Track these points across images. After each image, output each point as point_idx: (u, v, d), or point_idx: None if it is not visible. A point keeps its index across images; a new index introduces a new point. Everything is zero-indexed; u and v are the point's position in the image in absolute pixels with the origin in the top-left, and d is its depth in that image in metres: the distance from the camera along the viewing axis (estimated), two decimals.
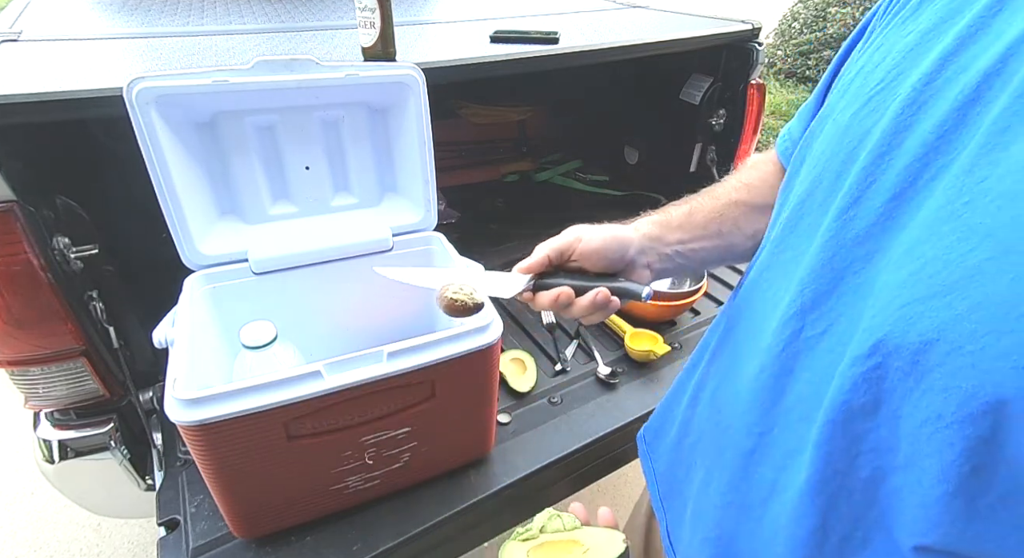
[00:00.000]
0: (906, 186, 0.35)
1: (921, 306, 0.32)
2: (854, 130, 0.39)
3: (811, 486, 0.40)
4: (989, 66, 0.31)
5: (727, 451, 0.50)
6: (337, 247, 0.95)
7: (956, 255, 0.30)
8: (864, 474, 0.37)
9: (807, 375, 0.41)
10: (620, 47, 1.19)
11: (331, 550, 0.80)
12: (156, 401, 1.04)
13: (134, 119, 0.74)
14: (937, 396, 0.31)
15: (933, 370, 0.31)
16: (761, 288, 0.48)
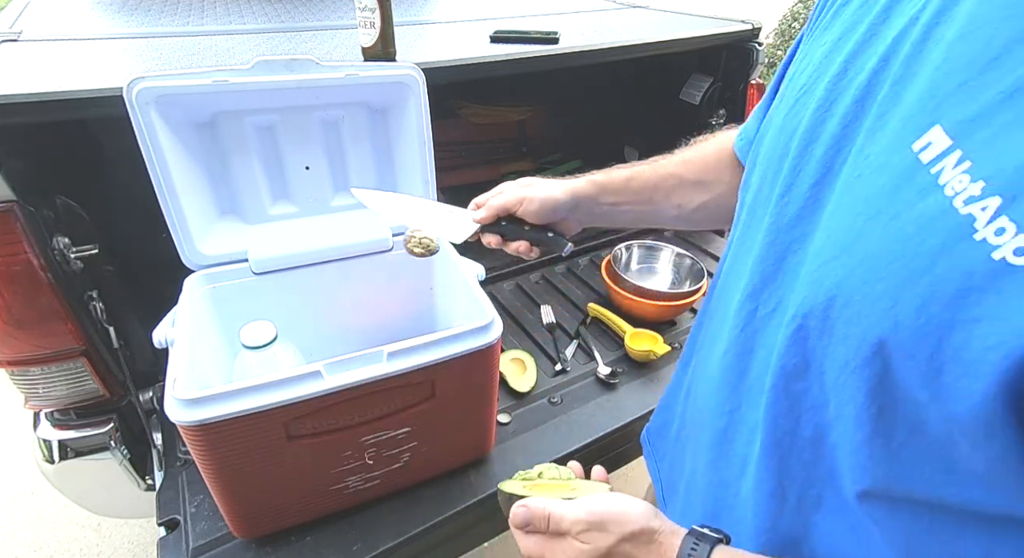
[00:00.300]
0: (825, 171, 0.40)
1: (826, 268, 0.37)
2: (786, 129, 0.45)
3: (764, 451, 0.44)
4: (875, 65, 0.38)
5: (705, 433, 0.54)
6: (337, 247, 0.95)
7: (849, 221, 0.36)
8: (808, 433, 0.41)
9: (762, 352, 0.45)
10: (620, 47, 1.19)
11: (331, 550, 0.80)
12: (156, 401, 1.04)
13: (134, 119, 0.74)
14: (841, 346, 0.36)
15: (837, 323, 0.36)
16: (727, 281, 0.54)
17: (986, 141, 0.29)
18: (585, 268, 1.51)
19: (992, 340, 0.28)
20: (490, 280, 1.41)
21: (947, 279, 0.29)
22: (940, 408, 0.31)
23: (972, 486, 0.33)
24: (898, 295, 0.32)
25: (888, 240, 0.32)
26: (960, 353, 0.29)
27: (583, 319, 1.30)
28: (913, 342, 0.31)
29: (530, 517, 0.47)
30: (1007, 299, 0.27)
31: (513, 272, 1.46)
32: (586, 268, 1.51)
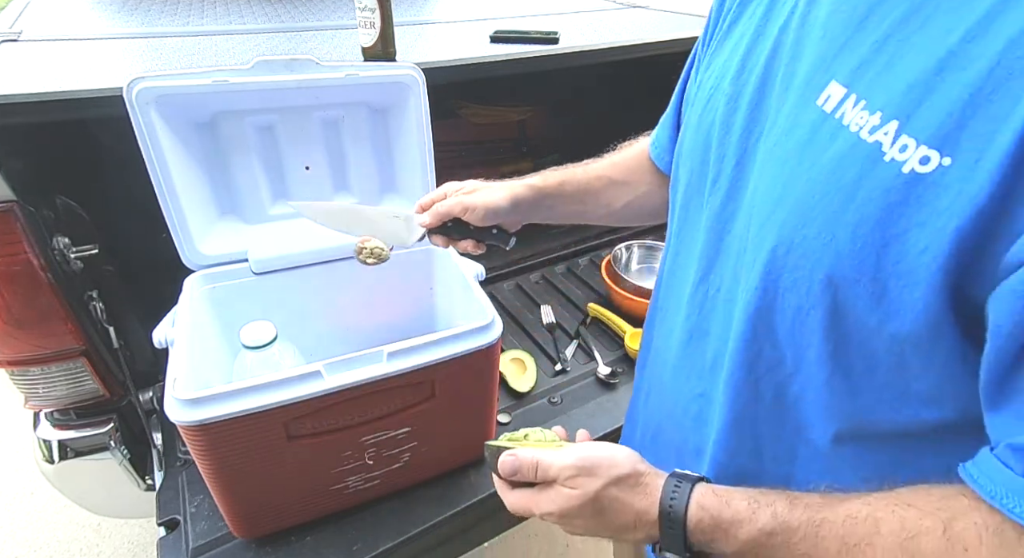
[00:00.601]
0: (742, 152, 0.45)
1: (762, 230, 0.40)
2: (702, 127, 0.50)
3: (731, 422, 0.47)
4: (767, 55, 0.44)
5: (675, 424, 0.56)
6: (337, 247, 0.94)
7: (772, 182, 0.40)
8: (769, 396, 0.44)
9: (717, 330, 0.48)
10: (620, 47, 1.19)
11: (331, 550, 0.80)
12: (156, 401, 1.04)
13: (134, 119, 0.74)
14: (792, 293, 0.39)
15: (783, 274, 0.39)
16: (673, 276, 0.57)
17: (872, 81, 0.34)
18: (585, 268, 1.51)
19: (921, 244, 0.31)
20: (490, 280, 1.41)
21: (870, 201, 0.33)
22: (890, 328, 0.35)
23: (924, 406, 0.37)
24: (832, 229, 0.35)
25: (812, 184, 0.36)
26: (898, 266, 0.33)
27: (583, 319, 1.30)
28: (855, 268, 0.34)
29: (519, 465, 0.47)
30: (923, 204, 0.31)
31: (513, 272, 1.46)
32: (586, 268, 1.51)
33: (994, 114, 0.29)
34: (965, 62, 0.30)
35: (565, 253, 1.54)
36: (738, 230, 0.45)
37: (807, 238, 0.37)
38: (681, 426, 0.56)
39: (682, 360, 0.53)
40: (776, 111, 0.42)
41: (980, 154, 0.29)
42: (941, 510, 0.34)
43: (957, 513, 0.33)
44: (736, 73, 0.47)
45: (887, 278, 0.33)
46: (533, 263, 1.48)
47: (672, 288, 0.57)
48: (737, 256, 0.45)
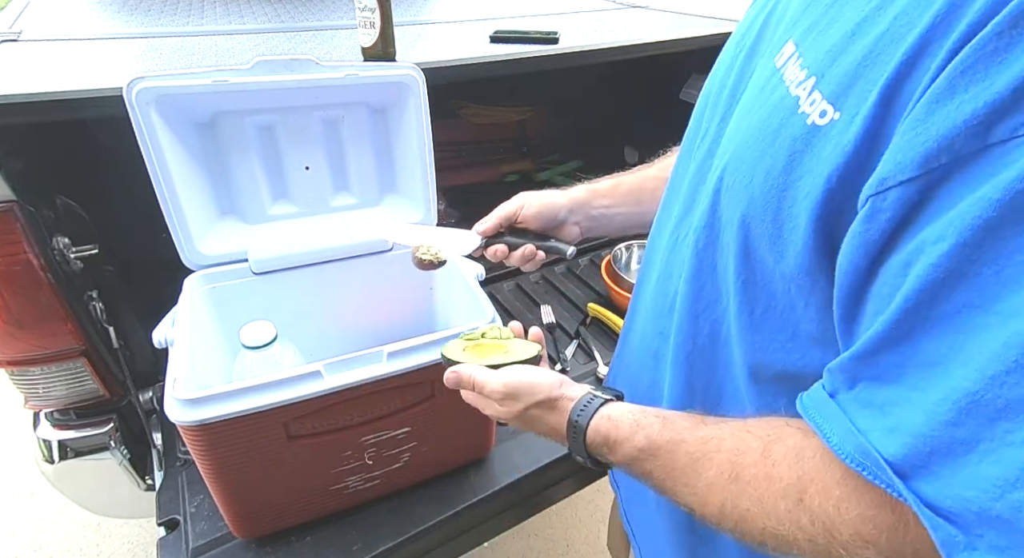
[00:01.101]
0: (726, 109, 0.48)
1: (712, 172, 0.45)
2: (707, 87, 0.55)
3: (674, 354, 0.52)
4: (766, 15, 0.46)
5: (642, 359, 0.60)
6: (337, 247, 0.95)
7: (732, 130, 0.44)
8: (706, 330, 0.49)
9: (678, 271, 0.52)
10: (620, 47, 1.19)
11: (331, 550, 0.80)
12: (156, 401, 1.04)
13: (134, 119, 0.74)
14: (724, 231, 0.43)
15: (722, 212, 0.43)
16: (658, 226, 0.60)
17: (812, 41, 0.37)
18: (585, 268, 1.51)
19: (805, 190, 0.34)
20: (490, 280, 1.41)
21: (782, 149, 0.36)
22: (781, 267, 0.38)
23: (811, 348, 0.40)
24: (753, 172, 0.39)
25: (749, 130, 0.40)
26: (791, 210, 0.36)
27: (583, 319, 1.30)
28: (762, 209, 0.38)
29: (459, 380, 0.57)
30: (815, 153, 0.34)
31: (513, 272, 1.46)
32: (586, 268, 1.51)
33: (875, 76, 0.31)
34: (869, 27, 0.32)
35: None
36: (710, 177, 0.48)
37: (736, 181, 0.40)
38: (644, 364, 0.60)
39: (653, 302, 0.57)
40: (757, 68, 0.45)
41: (857, 110, 0.32)
42: (770, 435, 0.39)
43: (778, 437, 0.39)
44: (741, 35, 0.50)
45: (783, 220, 0.36)
46: None
47: (656, 238, 0.61)
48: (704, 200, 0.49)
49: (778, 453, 0.38)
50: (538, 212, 0.68)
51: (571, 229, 0.71)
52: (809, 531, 0.35)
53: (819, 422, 0.35)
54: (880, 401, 0.32)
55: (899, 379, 0.31)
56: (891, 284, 0.30)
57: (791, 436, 0.38)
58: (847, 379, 0.34)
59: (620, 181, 0.74)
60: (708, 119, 0.51)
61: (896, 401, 0.31)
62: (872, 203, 0.30)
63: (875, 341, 0.31)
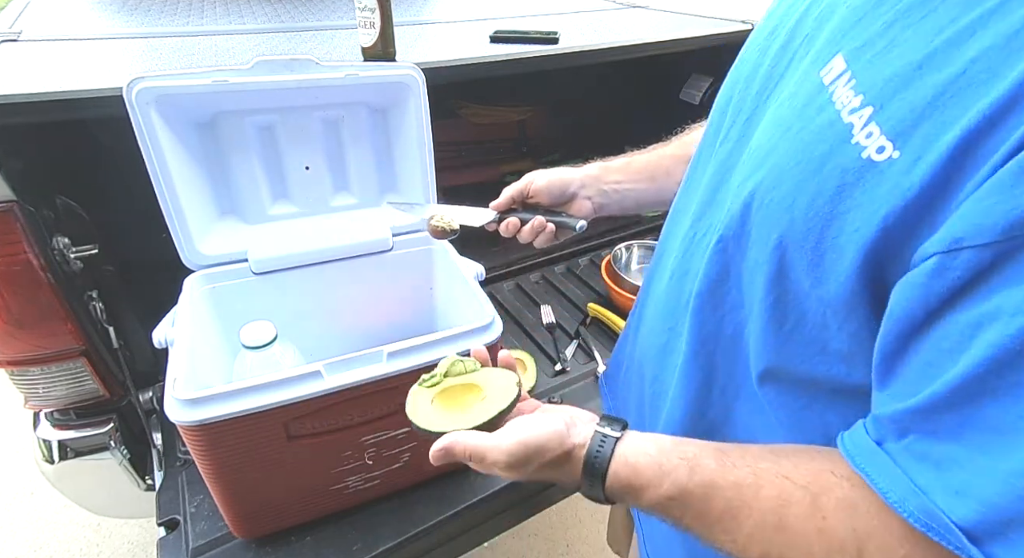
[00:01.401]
0: (755, 107, 0.47)
1: (745, 183, 0.43)
2: (731, 80, 0.53)
3: (692, 349, 0.51)
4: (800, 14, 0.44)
5: (648, 357, 0.60)
6: (337, 247, 0.95)
7: (765, 140, 0.42)
8: (729, 331, 0.48)
9: (695, 269, 0.51)
10: (620, 47, 1.19)
11: (331, 550, 0.80)
12: (156, 401, 1.04)
13: (134, 119, 0.74)
14: (755, 247, 0.42)
15: (752, 228, 0.42)
16: (674, 220, 0.60)
17: (868, 62, 0.35)
18: (585, 268, 1.51)
19: (855, 225, 0.34)
20: (490, 280, 1.41)
21: (830, 177, 0.35)
22: (818, 292, 0.38)
23: (838, 363, 0.40)
24: (795, 195, 0.38)
25: (792, 150, 0.39)
26: (836, 240, 0.35)
27: (583, 319, 1.30)
28: (803, 234, 0.37)
29: (450, 456, 0.49)
30: (868, 189, 0.33)
31: (513, 272, 1.46)
32: (586, 268, 1.51)
33: (945, 119, 0.30)
34: (941, 64, 0.31)
35: (565, 253, 1.54)
36: (734, 181, 0.47)
37: (774, 200, 0.39)
38: (648, 356, 0.60)
39: (666, 298, 0.57)
40: (791, 73, 0.43)
41: (922, 153, 0.31)
42: (812, 483, 0.38)
43: (826, 486, 0.38)
44: (775, 25, 0.48)
45: (825, 249, 0.36)
46: (533, 263, 1.48)
47: (670, 232, 0.60)
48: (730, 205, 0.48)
49: (828, 505, 0.37)
50: (547, 184, 0.69)
51: (583, 204, 0.71)
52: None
53: (872, 474, 0.34)
54: (936, 456, 0.32)
55: (959, 439, 0.31)
56: (954, 341, 0.30)
57: (838, 486, 0.37)
58: (897, 430, 0.34)
59: (633, 159, 0.74)
60: (732, 117, 0.50)
61: (957, 460, 0.31)
62: (940, 260, 0.30)
63: (937, 398, 0.31)
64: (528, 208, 0.71)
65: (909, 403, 0.33)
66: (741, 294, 0.46)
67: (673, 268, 0.55)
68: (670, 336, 0.56)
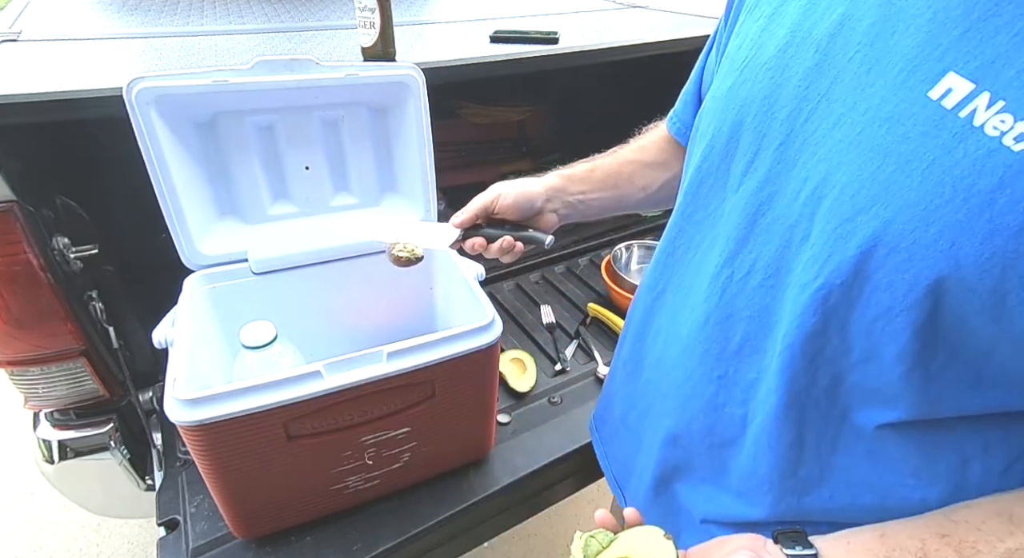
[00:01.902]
0: (788, 131, 0.42)
1: (851, 224, 0.38)
2: (734, 101, 0.47)
3: (782, 406, 0.46)
4: (831, 28, 0.40)
5: (690, 403, 0.55)
6: (337, 247, 0.95)
7: (868, 174, 0.37)
8: (824, 383, 0.44)
9: (747, 313, 0.47)
10: (620, 47, 1.19)
11: (331, 550, 0.80)
12: (156, 401, 1.04)
13: (134, 119, 0.74)
14: (884, 293, 0.38)
15: (875, 272, 0.37)
16: (680, 251, 0.56)
17: (1014, 79, 0.31)
18: (585, 268, 1.51)
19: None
20: (490, 280, 1.41)
21: (1010, 213, 0.31)
22: (993, 329, 0.34)
23: (991, 391, 0.37)
24: (955, 236, 0.33)
25: (932, 185, 0.34)
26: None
27: (583, 319, 1.30)
28: (976, 276, 0.33)
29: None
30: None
31: (513, 272, 1.46)
32: (586, 268, 1.51)
33: None
34: None
35: (565, 253, 1.54)
36: (780, 214, 0.43)
37: (918, 242, 0.35)
38: (688, 408, 0.55)
39: (697, 343, 0.52)
40: (854, 94, 0.38)
41: None
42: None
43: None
44: (783, 45, 0.43)
45: (1009, 290, 0.32)
46: (533, 263, 1.48)
47: (678, 267, 0.56)
48: (784, 241, 0.43)
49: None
50: (515, 202, 0.67)
51: (549, 217, 0.70)
52: None
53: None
54: None
55: None
56: None
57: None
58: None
59: (596, 165, 0.72)
60: (753, 144, 0.45)
61: None
62: None
63: None
64: (493, 223, 0.69)
65: None
66: (847, 342, 0.41)
67: (708, 311, 0.51)
68: (720, 386, 0.52)
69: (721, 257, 0.49)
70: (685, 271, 0.55)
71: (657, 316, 0.60)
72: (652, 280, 0.62)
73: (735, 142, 0.47)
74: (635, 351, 0.65)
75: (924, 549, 0.38)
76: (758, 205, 0.45)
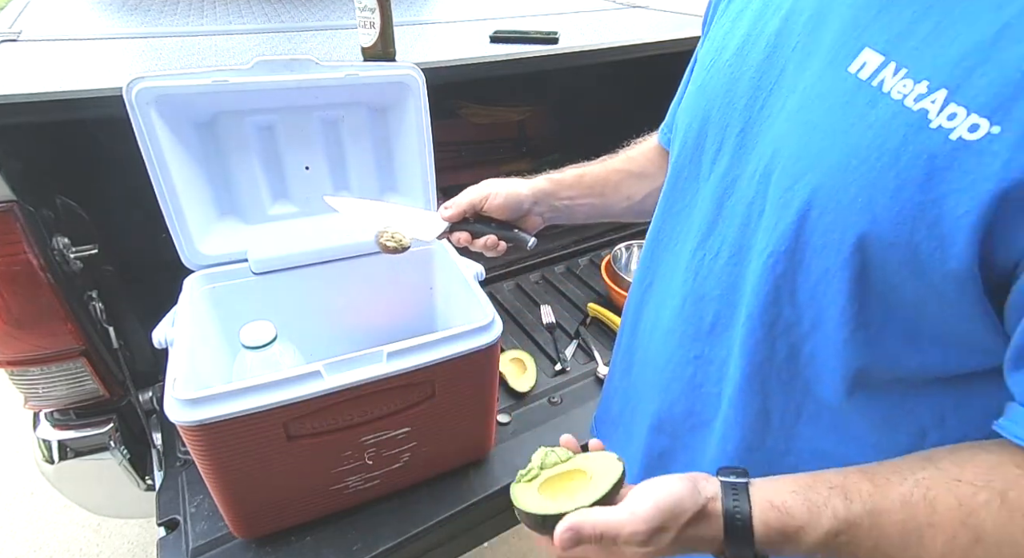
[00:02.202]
0: (747, 119, 0.46)
1: (790, 193, 0.41)
2: (701, 99, 0.51)
3: (745, 378, 0.48)
4: (778, 25, 0.44)
5: (672, 386, 0.57)
6: (337, 247, 0.95)
7: (802, 146, 0.40)
8: (783, 354, 0.46)
9: (716, 292, 0.50)
10: (620, 47, 1.19)
11: (331, 550, 0.80)
12: (156, 401, 1.04)
13: (134, 119, 0.74)
14: (820, 256, 0.40)
15: (812, 235, 0.40)
16: (663, 243, 0.58)
17: (915, 49, 0.35)
18: (585, 268, 1.51)
19: (961, 209, 0.33)
20: (490, 280, 1.41)
21: (913, 167, 0.34)
22: (916, 283, 0.37)
23: (931, 348, 0.40)
24: (871, 193, 0.36)
25: (850, 149, 0.37)
26: (934, 229, 0.34)
27: (583, 319, 1.30)
28: (891, 231, 0.36)
29: (580, 537, 0.43)
30: (968, 170, 0.32)
31: (513, 272, 1.46)
32: (586, 268, 1.51)
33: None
34: (1019, 35, 0.31)
35: (565, 253, 1.54)
36: (741, 195, 0.46)
37: (842, 202, 0.38)
38: (669, 391, 0.57)
39: (675, 325, 0.54)
40: (795, 78, 0.42)
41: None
42: (991, 481, 0.35)
43: (1009, 482, 0.35)
44: (740, 43, 0.47)
45: (921, 240, 0.35)
46: (533, 263, 1.48)
47: (662, 258, 0.58)
48: (745, 219, 0.46)
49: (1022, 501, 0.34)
50: (504, 203, 0.68)
51: (534, 220, 0.71)
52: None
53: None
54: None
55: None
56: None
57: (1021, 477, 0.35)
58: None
59: (585, 172, 0.74)
60: (718, 135, 0.49)
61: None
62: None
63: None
64: (480, 220, 0.70)
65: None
66: (797, 311, 0.44)
67: (684, 294, 0.53)
68: (698, 366, 0.53)
69: (694, 242, 0.52)
70: (668, 262, 0.57)
71: (646, 309, 0.62)
72: (640, 275, 0.64)
73: (704, 135, 0.51)
74: (629, 346, 0.66)
75: (844, 481, 0.40)
76: (724, 189, 0.48)
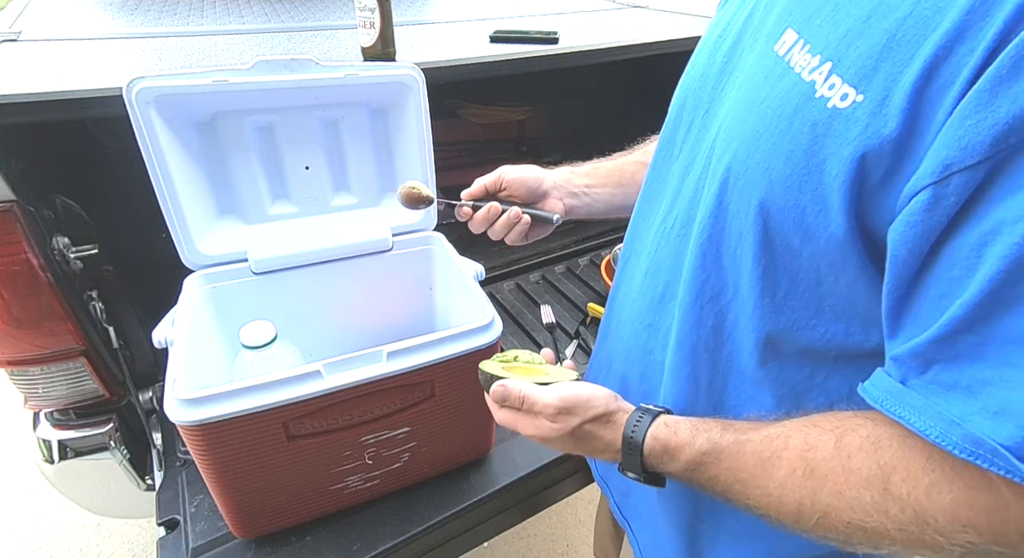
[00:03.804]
0: (711, 100, 0.49)
1: (719, 163, 0.44)
2: (684, 84, 0.56)
3: (677, 343, 0.51)
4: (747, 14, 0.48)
5: (631, 355, 0.60)
6: (337, 247, 0.94)
7: (734, 119, 0.44)
8: (710, 323, 0.49)
9: (667, 263, 0.53)
10: (620, 47, 1.19)
11: (331, 550, 0.80)
12: (156, 401, 1.04)
13: (134, 119, 0.74)
14: (734, 221, 0.43)
15: (730, 202, 0.43)
16: (640, 221, 0.61)
17: (818, 27, 0.38)
18: (585, 268, 1.51)
19: (834, 172, 0.35)
20: (490, 280, 1.41)
21: (801, 134, 0.37)
22: (809, 248, 0.39)
23: (835, 322, 0.42)
24: (770, 159, 0.39)
25: (760, 119, 0.40)
26: (817, 192, 0.37)
27: (583, 319, 1.30)
28: (784, 193, 0.38)
29: (507, 395, 0.52)
30: (837, 136, 0.35)
31: (513, 272, 1.46)
32: (586, 268, 1.51)
33: (901, 57, 0.32)
34: (888, 11, 0.34)
35: (565, 253, 1.54)
36: (695, 171, 0.50)
37: (750, 168, 0.41)
38: (631, 357, 0.60)
39: (639, 296, 0.58)
40: (746, 62, 0.46)
41: (888, 92, 0.33)
42: (837, 427, 0.39)
43: (849, 428, 0.39)
44: (722, 29, 0.51)
45: (808, 203, 0.37)
46: (533, 263, 1.48)
47: (638, 230, 0.61)
48: (694, 193, 0.49)
49: (852, 444, 0.37)
50: (521, 176, 0.70)
51: (555, 204, 0.72)
52: (899, 520, 0.35)
53: (902, 413, 0.34)
54: (966, 382, 0.31)
55: (982, 357, 0.31)
56: (963, 266, 0.31)
57: (861, 426, 0.38)
58: (919, 365, 0.34)
59: (600, 164, 0.76)
60: (689, 115, 0.52)
61: (988, 381, 0.30)
62: (933, 191, 0.31)
63: (954, 323, 0.31)
64: (500, 202, 0.70)
65: (926, 335, 0.33)
66: (722, 277, 0.47)
67: (647, 266, 0.56)
68: (649, 334, 0.56)
69: (660, 217, 0.55)
70: (642, 237, 0.60)
71: (623, 282, 0.64)
72: (623, 250, 0.66)
73: (680, 117, 0.54)
74: (607, 317, 0.68)
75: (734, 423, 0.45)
76: (685, 166, 0.51)
